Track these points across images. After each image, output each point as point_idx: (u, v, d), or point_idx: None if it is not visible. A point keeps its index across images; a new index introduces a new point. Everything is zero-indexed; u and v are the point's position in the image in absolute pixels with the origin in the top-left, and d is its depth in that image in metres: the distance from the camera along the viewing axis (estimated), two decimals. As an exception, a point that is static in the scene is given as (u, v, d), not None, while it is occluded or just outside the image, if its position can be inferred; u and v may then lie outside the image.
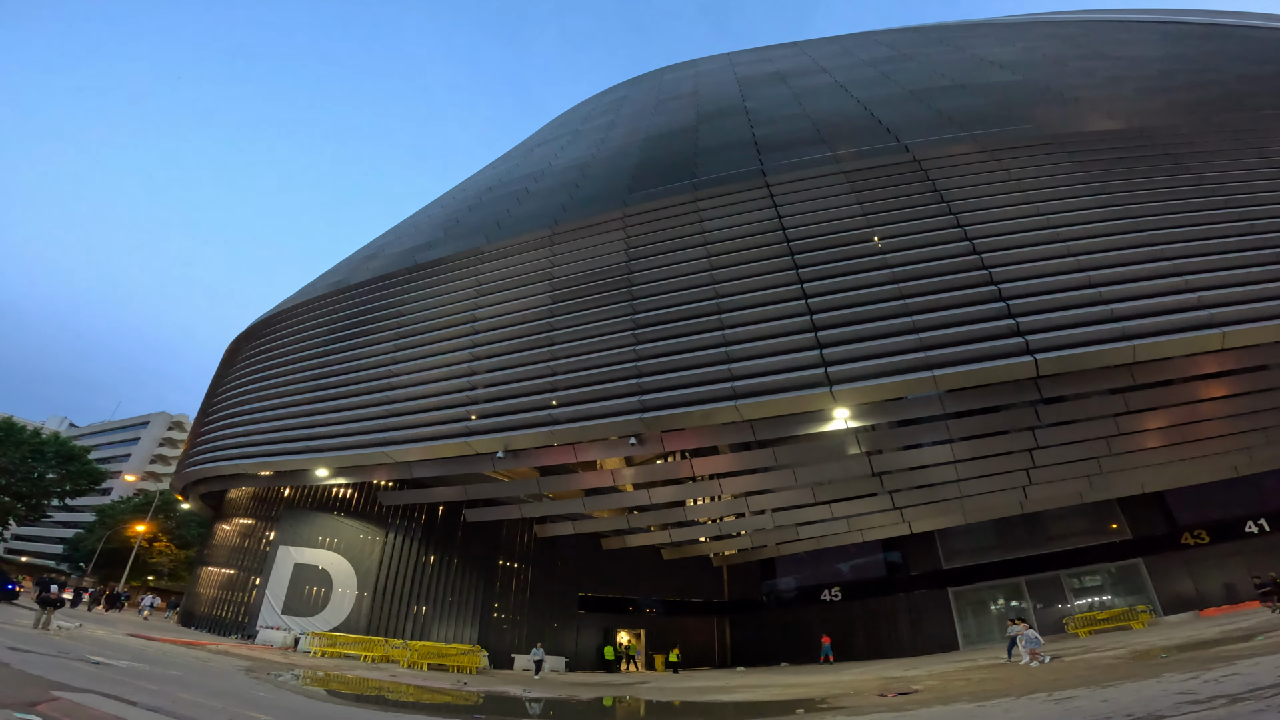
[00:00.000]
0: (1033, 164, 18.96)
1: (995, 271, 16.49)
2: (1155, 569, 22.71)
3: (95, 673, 8.86)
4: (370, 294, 24.69)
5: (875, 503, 22.77)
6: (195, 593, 28.28)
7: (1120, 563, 23.22)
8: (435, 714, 11.07)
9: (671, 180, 23.58)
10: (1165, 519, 23.31)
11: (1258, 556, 21.22)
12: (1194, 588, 22.07)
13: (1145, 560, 22.91)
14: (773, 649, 27.82)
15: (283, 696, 10.36)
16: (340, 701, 11.02)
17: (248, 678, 12.43)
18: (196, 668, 12.81)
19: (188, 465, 27.23)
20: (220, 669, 13.35)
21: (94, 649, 12.47)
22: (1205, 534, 22.38)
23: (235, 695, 9.49)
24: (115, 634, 17.85)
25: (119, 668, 10.08)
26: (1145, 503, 23.42)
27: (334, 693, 12.21)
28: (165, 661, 12.89)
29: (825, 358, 16.48)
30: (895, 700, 12.80)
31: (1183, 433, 20.17)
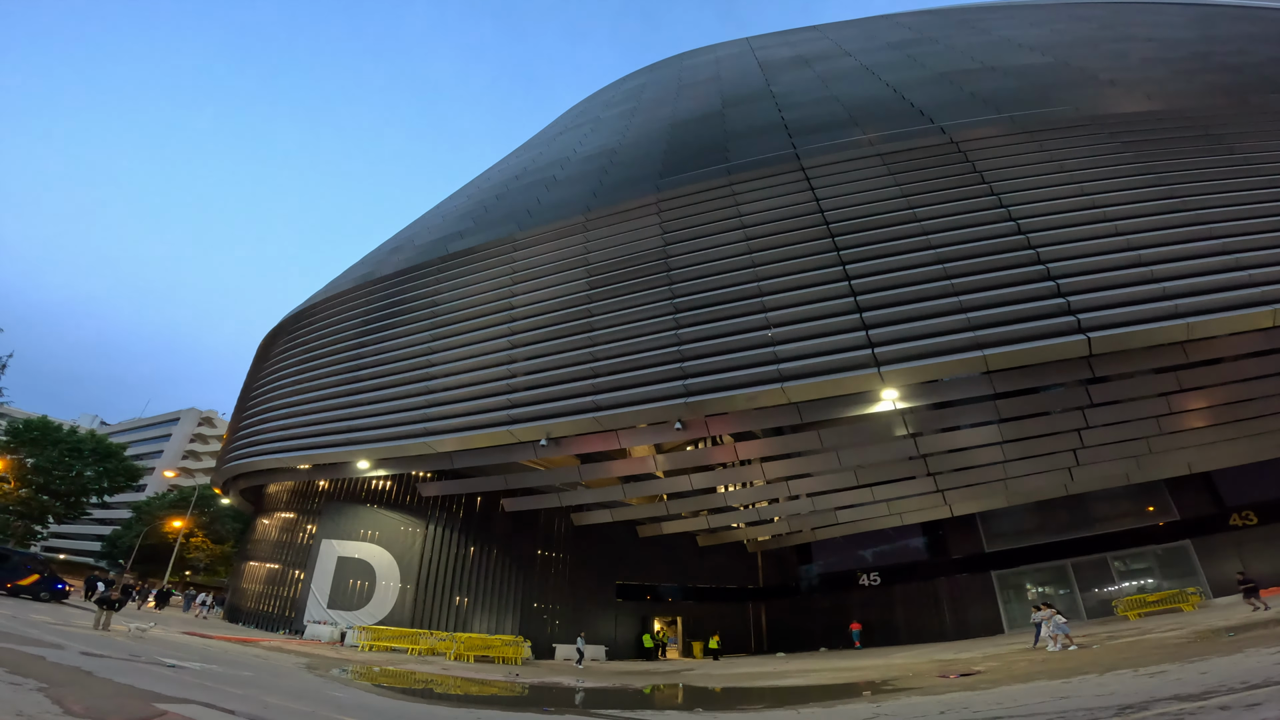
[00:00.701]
0: (1074, 145, 18.76)
1: (1042, 251, 16.32)
2: (1204, 551, 22.31)
3: (176, 678, 8.79)
4: (403, 284, 24.73)
5: (917, 485, 22.56)
6: (239, 588, 28.61)
7: (1168, 545, 22.83)
8: (510, 708, 10.98)
9: (702, 165, 23.40)
10: (1213, 500, 22.88)
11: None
12: (1245, 569, 21.59)
13: (1193, 542, 22.52)
14: (810, 634, 27.72)
15: (361, 696, 10.29)
16: (415, 699, 10.92)
17: (313, 675, 12.44)
18: (263, 667, 12.77)
19: (227, 460, 27.51)
20: (283, 667, 13.34)
21: (162, 650, 12.46)
22: (1253, 515, 21.94)
23: (313, 696, 9.45)
24: (170, 632, 17.98)
25: (194, 670, 10.06)
26: (1192, 484, 23.00)
27: (402, 689, 12.12)
28: (231, 661, 12.87)
29: (871, 339, 16.38)
30: (961, 681, 12.67)
31: (1231, 411, 19.83)
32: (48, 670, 7.35)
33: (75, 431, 39.86)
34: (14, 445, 36.66)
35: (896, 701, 10.55)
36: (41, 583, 22.57)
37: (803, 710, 10.54)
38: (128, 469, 41.40)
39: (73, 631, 13.73)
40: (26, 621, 14.07)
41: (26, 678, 6.45)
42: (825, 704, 11.07)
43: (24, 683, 6.13)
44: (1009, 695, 9.63)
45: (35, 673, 6.93)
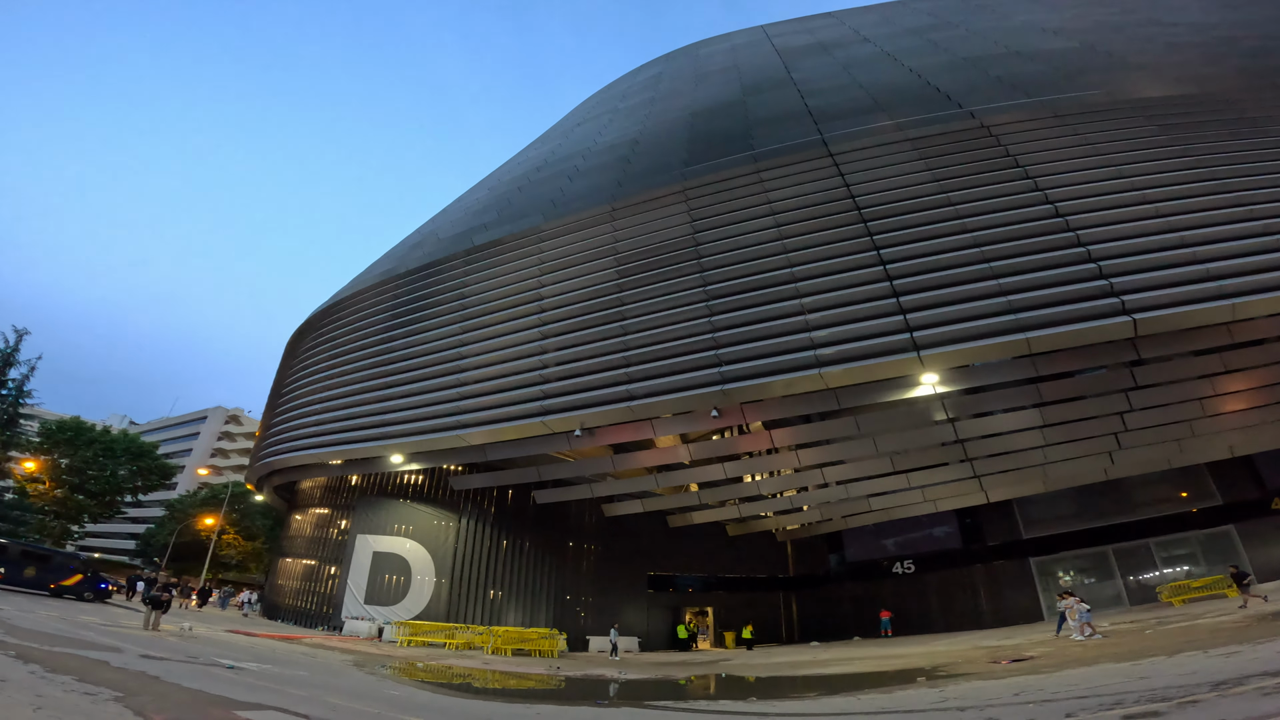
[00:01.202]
0: (1109, 128, 18.63)
1: (1083, 234, 16.19)
2: (1247, 535, 21.89)
3: (240, 680, 8.75)
4: (430, 277, 24.77)
5: (953, 471, 22.31)
6: (276, 584, 28.91)
7: (1211, 530, 22.38)
8: (565, 702, 10.94)
9: (727, 153, 23.24)
10: (1256, 484, 22.41)
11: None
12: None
13: (1236, 527, 22.08)
14: (841, 623, 27.57)
15: (417, 694, 10.23)
16: (470, 696, 10.79)
17: (364, 673, 12.41)
18: (314, 665, 12.77)
19: (261, 458, 27.80)
20: (333, 665, 13.32)
21: (216, 651, 12.45)
22: (1300, 498, 21.39)
23: (373, 696, 9.41)
24: (215, 630, 18.11)
25: (253, 671, 10.02)
26: (1234, 467, 22.56)
27: (454, 686, 12.07)
28: (282, 660, 12.84)
29: (910, 323, 16.31)
30: (1018, 666, 12.49)
31: (1275, 393, 19.40)
32: (116, 677, 7.26)
33: (108, 431, 40.55)
34: (47, 446, 37.34)
35: (958, 686, 10.40)
36: (85, 583, 22.87)
37: (862, 696, 10.43)
38: (161, 467, 42.04)
39: (124, 632, 13.76)
40: (77, 623, 14.13)
41: (98, 686, 6.38)
42: (884, 690, 10.94)
43: (98, 692, 6.05)
44: (1080, 678, 9.45)
45: (105, 680, 6.88)
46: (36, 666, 6.88)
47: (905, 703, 9.31)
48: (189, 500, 49.40)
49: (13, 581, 21.29)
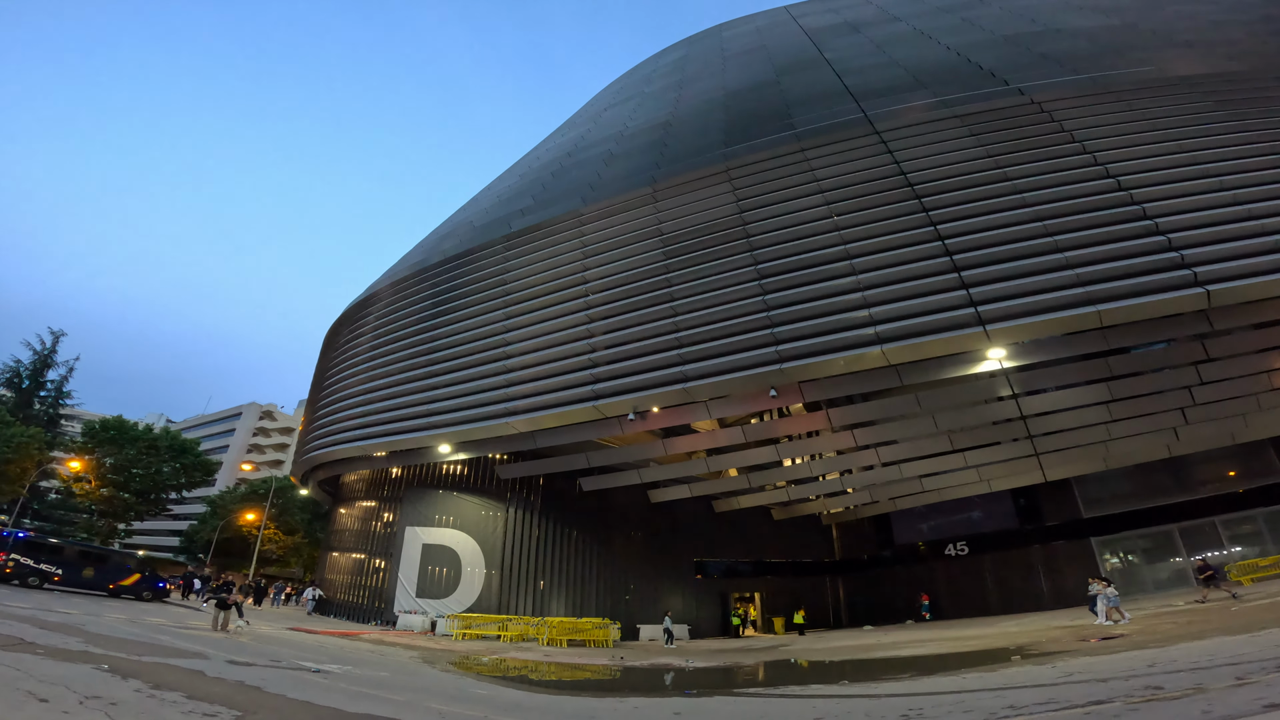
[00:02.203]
0: (1165, 103, 18.51)
1: (1148, 206, 15.98)
2: (1317, 511, 21.04)
3: (334, 685, 8.45)
4: (469, 264, 24.65)
5: (1010, 450, 21.84)
6: (324, 579, 29.06)
7: (1276, 507, 21.57)
8: (651, 693, 10.67)
9: (768, 132, 22.90)
10: (1324, 458, 21.55)
11: None
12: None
13: (1306, 502, 21.23)
14: (891, 607, 27.14)
15: (505, 692, 9.95)
16: (556, 691, 10.50)
17: (439, 671, 12.21)
18: (390, 664, 12.46)
19: (306, 452, 27.95)
20: (405, 663, 13.02)
21: (293, 652, 12.25)
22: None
23: (465, 697, 9.13)
24: (277, 629, 18.06)
25: (338, 674, 9.74)
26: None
27: (533, 681, 11.73)
28: (358, 660, 12.51)
29: (973, 297, 16.08)
30: (1109, 644, 12.05)
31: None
32: (220, 690, 6.97)
33: (150, 430, 41.18)
34: (91, 445, 37.98)
35: (1067, 663, 9.99)
36: (143, 582, 23.01)
37: (965, 675, 10.07)
38: (204, 464, 42.61)
39: (197, 635, 13.56)
40: (148, 626, 14.00)
41: (213, 704, 6.04)
42: (984, 669, 10.59)
43: (218, 712, 5.71)
44: (1201, 650, 9.04)
45: (214, 695, 6.52)
46: (138, 682, 6.56)
47: (1022, 679, 8.94)
48: (229, 496, 50.09)
49: (71, 583, 21.33)
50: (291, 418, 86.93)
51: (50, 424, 43.57)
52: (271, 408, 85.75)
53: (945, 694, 8.55)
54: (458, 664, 13.67)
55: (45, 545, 21.86)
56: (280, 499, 47.26)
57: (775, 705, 8.62)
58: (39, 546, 21.43)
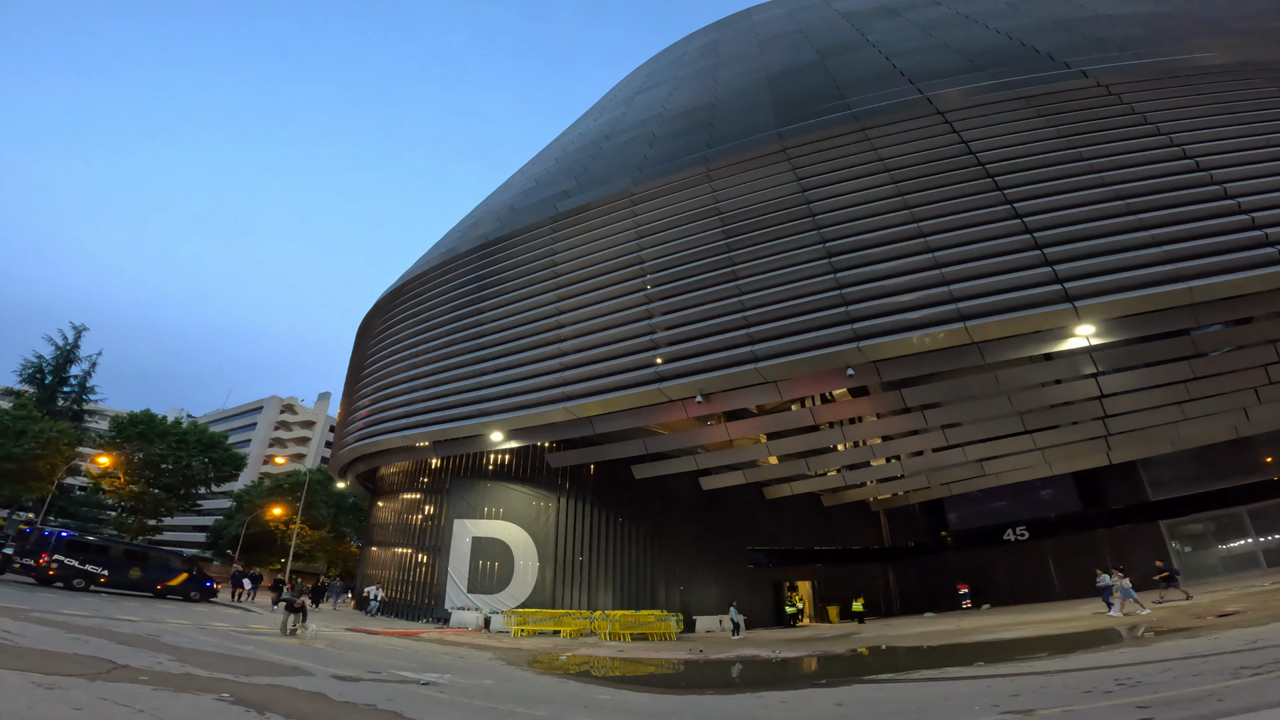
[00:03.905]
0: (1234, 88, 18.34)
1: (1229, 186, 15.86)
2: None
3: (464, 701, 7.80)
4: (514, 247, 24.11)
5: (1078, 431, 21.33)
6: (367, 575, 28.68)
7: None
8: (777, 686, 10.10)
9: (822, 113, 22.44)
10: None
11: None
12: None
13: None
14: (946, 594, 26.60)
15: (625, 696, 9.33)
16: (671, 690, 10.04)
17: (533, 673, 11.72)
18: (481, 669, 11.76)
19: (344, 445, 27.50)
20: (489, 665, 12.37)
21: (381, 660, 11.58)
22: None
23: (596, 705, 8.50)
24: (336, 630, 17.57)
25: (444, 684, 9.09)
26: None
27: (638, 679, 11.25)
28: (447, 666, 11.74)
29: (1058, 274, 15.79)
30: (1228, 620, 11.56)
31: None
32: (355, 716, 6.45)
33: (179, 424, 40.69)
34: (119, 440, 37.50)
35: (1191, 640, 9.45)
36: (190, 582, 22.43)
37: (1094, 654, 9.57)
38: (233, 458, 42.06)
39: (272, 641, 13.03)
40: (220, 634, 13.45)
41: None
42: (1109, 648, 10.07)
43: None
44: None
45: None
46: (277, 716, 5.92)
47: (1157, 654, 8.39)
48: (255, 490, 49.66)
49: (117, 584, 20.70)
50: (312, 411, 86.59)
51: (75, 419, 43.05)
52: (292, 401, 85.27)
53: (1083, 670, 8.05)
54: (543, 665, 13.08)
55: (90, 545, 21.10)
56: (324, 491, 46.81)
57: (936, 689, 8.15)
58: (83, 546, 20.65)
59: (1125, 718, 5.02)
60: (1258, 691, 5.16)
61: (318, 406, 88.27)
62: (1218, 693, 5.31)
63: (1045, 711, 5.64)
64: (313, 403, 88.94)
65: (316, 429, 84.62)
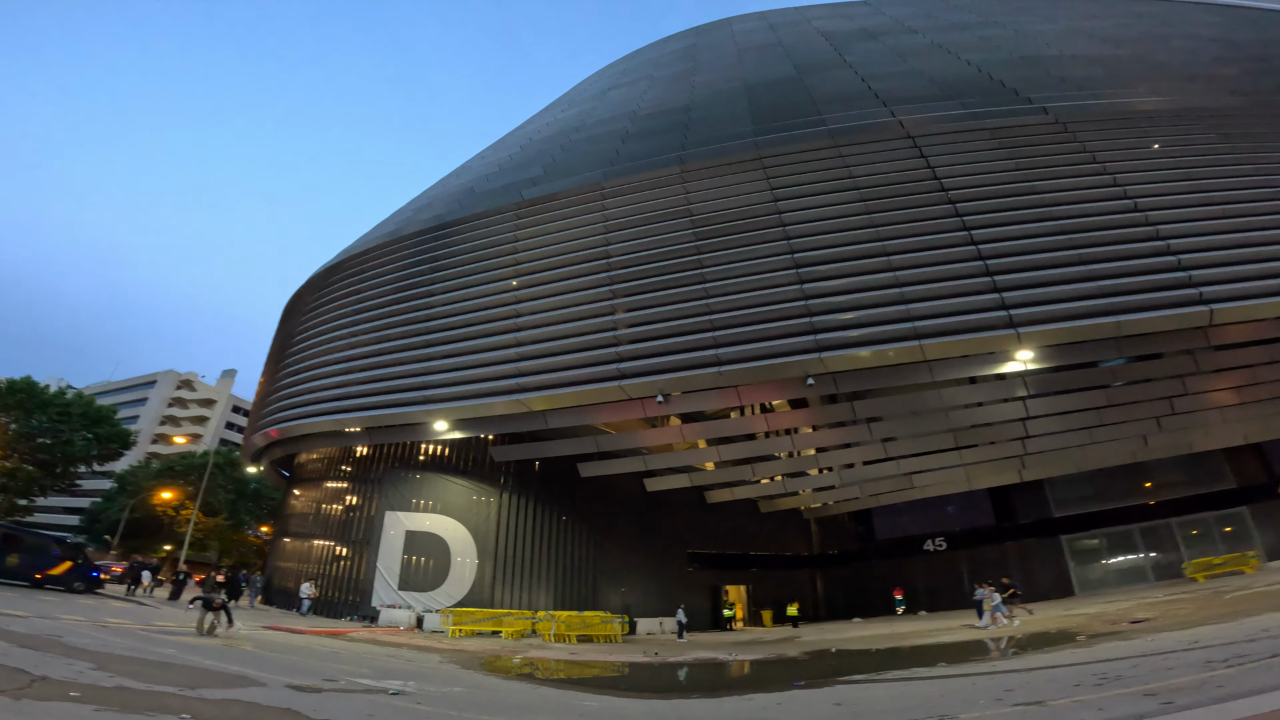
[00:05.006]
0: (1175, 132, 19.69)
1: (1162, 228, 17.05)
2: (1258, 517, 23.59)
3: (439, 713, 7.09)
4: (472, 230, 23.03)
5: (1002, 449, 22.89)
6: (278, 568, 26.26)
7: (1227, 511, 23.94)
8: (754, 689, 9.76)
9: (798, 126, 22.91)
10: (1265, 469, 24.17)
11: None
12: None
13: (1249, 509, 23.66)
14: (870, 601, 27.86)
15: (612, 702, 8.90)
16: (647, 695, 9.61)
17: (499, 678, 11.01)
18: (442, 675, 10.80)
19: (262, 427, 25.17)
20: (451, 671, 11.41)
21: (328, 665, 10.42)
22: (1303, 484, 23.12)
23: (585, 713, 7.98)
24: (254, 628, 15.85)
25: (413, 693, 8.25)
26: (1246, 453, 24.20)
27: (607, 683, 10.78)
28: (401, 671, 10.62)
29: (1005, 301, 16.70)
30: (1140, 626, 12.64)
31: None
32: None
33: (63, 394, 35.54)
34: (-7, 410, 32.24)
35: (1130, 642, 10.28)
36: (75, 571, 19.59)
37: (1043, 655, 10.17)
38: (121, 435, 37.28)
39: (189, 641, 11.50)
40: (127, 633, 11.74)
41: None
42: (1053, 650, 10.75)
43: None
44: (1236, 630, 9.51)
45: None
46: None
47: (1109, 654, 9.06)
48: (142, 472, 44.48)
49: None
50: (214, 389, 78.96)
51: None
52: (191, 377, 77.34)
53: (1057, 667, 8.52)
54: (499, 669, 12.35)
55: (-40, 528, 18.07)
56: (197, 475, 42.49)
57: (923, 687, 8.31)
58: (-47, 529, 17.63)
59: (1142, 705, 5.22)
60: (1251, 678, 5.52)
61: (220, 384, 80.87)
62: (1216, 680, 5.67)
63: (1057, 701, 5.82)
64: (215, 380, 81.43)
65: (217, 408, 77.48)
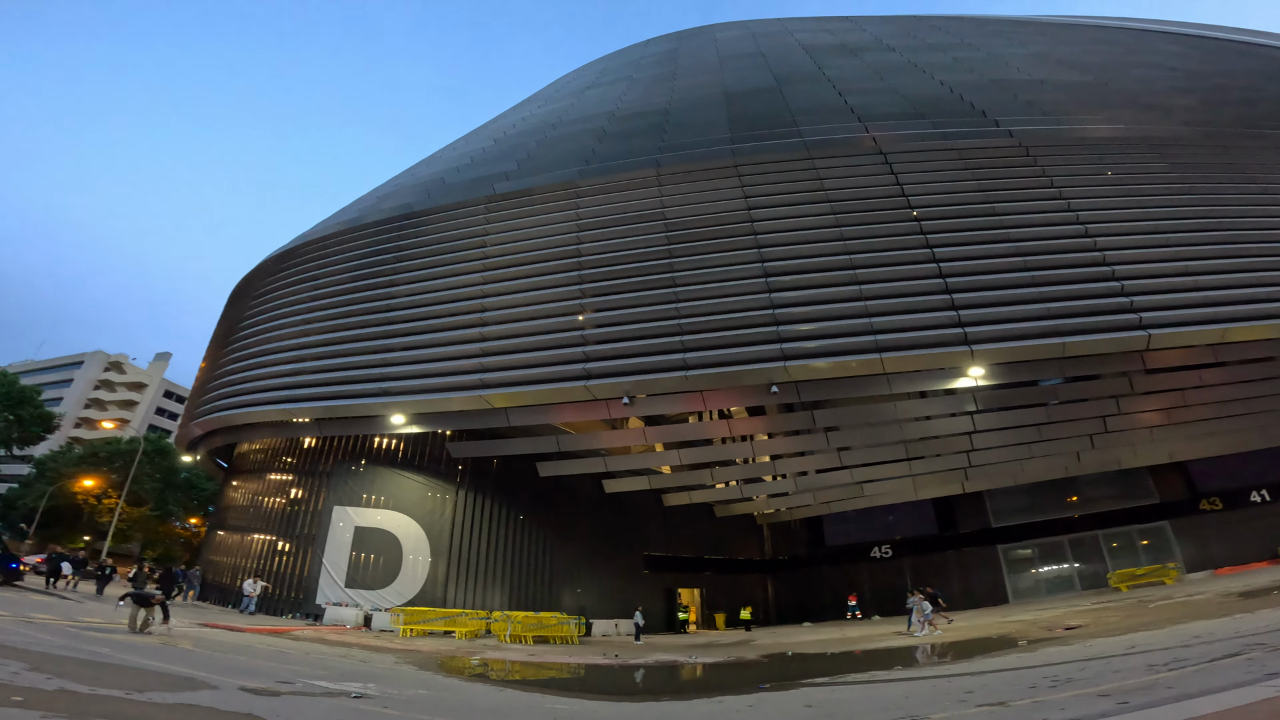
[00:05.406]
0: (1129, 160, 20.47)
1: (1108, 254, 17.86)
2: (1179, 531, 25.29)
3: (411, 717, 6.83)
4: (440, 221, 22.43)
5: (949, 461, 23.83)
6: (213, 562, 24.83)
7: (1150, 524, 25.59)
8: (723, 691, 9.90)
9: (775, 136, 23.22)
10: (1187, 486, 25.91)
11: (1261, 523, 24.04)
12: (1210, 549, 24.64)
13: (1170, 523, 25.37)
14: (820, 606, 28.53)
15: (583, 705, 8.76)
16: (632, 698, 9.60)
17: (464, 680, 10.71)
18: (402, 677, 10.34)
19: (205, 413, 23.79)
20: (407, 673, 10.94)
21: (280, 666, 9.91)
22: (1219, 501, 24.99)
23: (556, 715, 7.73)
24: (190, 625, 14.92)
25: (377, 697, 7.92)
26: (1170, 471, 25.91)
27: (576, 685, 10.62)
28: (356, 673, 10.18)
29: (962, 319, 17.26)
30: (1074, 632, 13.36)
31: (1217, 409, 22.41)
32: None
33: (-17, 372, 32.47)
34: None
35: (1070, 647, 10.83)
36: None
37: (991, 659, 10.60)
38: (43, 417, 34.46)
39: (124, 640, 10.72)
40: (57, 630, 10.88)
41: None
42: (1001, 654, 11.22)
43: None
44: (1167, 636, 10.10)
45: None
46: None
47: (1054, 658, 9.49)
48: (64, 457, 41.22)
49: None
50: (145, 372, 73.97)
51: None
52: (121, 359, 72.26)
53: (1009, 670, 8.89)
54: (458, 670, 11.99)
55: None
56: (124, 462, 39.80)
57: (889, 689, 8.48)
58: None
59: (1100, 705, 5.46)
60: (1196, 680, 5.83)
61: (153, 368, 75.97)
62: (1164, 681, 5.99)
63: (1018, 702, 6.03)
64: (147, 363, 76.55)
65: (148, 393, 72.77)
